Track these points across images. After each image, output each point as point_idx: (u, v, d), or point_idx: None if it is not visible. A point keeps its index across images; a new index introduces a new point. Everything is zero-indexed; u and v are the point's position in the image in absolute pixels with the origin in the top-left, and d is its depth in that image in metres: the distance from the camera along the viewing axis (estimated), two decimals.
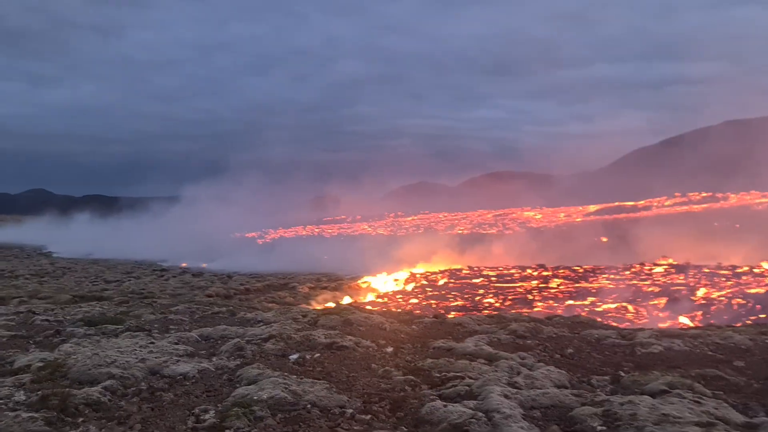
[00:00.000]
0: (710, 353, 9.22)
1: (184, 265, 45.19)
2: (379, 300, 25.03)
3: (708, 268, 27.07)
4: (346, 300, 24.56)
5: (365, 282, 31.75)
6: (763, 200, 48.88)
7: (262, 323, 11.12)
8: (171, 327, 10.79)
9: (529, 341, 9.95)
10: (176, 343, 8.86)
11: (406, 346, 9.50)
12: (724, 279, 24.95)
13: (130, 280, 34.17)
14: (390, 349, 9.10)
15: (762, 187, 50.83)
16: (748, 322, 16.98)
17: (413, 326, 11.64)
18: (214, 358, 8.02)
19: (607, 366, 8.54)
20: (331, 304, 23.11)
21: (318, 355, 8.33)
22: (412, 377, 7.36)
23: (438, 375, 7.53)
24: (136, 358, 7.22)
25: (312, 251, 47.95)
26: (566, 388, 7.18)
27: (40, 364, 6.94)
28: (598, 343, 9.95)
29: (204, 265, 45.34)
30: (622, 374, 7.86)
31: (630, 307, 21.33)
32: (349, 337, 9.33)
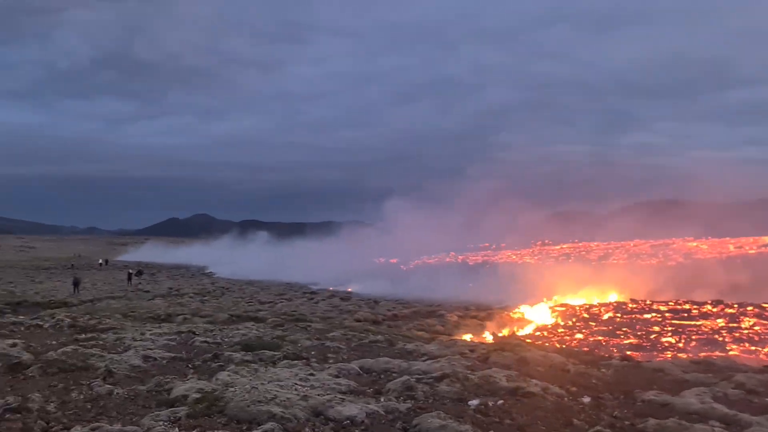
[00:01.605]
0: None
1: (332, 288, 45.87)
2: (538, 333, 22.98)
3: None
4: (503, 332, 22.83)
5: (517, 313, 29.70)
6: None
7: (426, 357, 9.93)
8: (329, 355, 9.94)
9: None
10: (337, 376, 7.91)
11: (604, 395, 7.80)
12: None
13: (282, 302, 34.95)
14: (587, 400, 7.47)
15: None
16: None
17: (602, 369, 9.84)
18: (381, 398, 6.91)
19: None
20: (488, 336, 21.50)
21: (501, 402, 6.93)
22: None
23: None
24: (298, 395, 6.29)
25: (457, 279, 46.57)
26: None
27: (197, 396, 6.23)
28: None
29: (351, 289, 45.71)
30: None
31: None
32: (534, 380, 7.82)
